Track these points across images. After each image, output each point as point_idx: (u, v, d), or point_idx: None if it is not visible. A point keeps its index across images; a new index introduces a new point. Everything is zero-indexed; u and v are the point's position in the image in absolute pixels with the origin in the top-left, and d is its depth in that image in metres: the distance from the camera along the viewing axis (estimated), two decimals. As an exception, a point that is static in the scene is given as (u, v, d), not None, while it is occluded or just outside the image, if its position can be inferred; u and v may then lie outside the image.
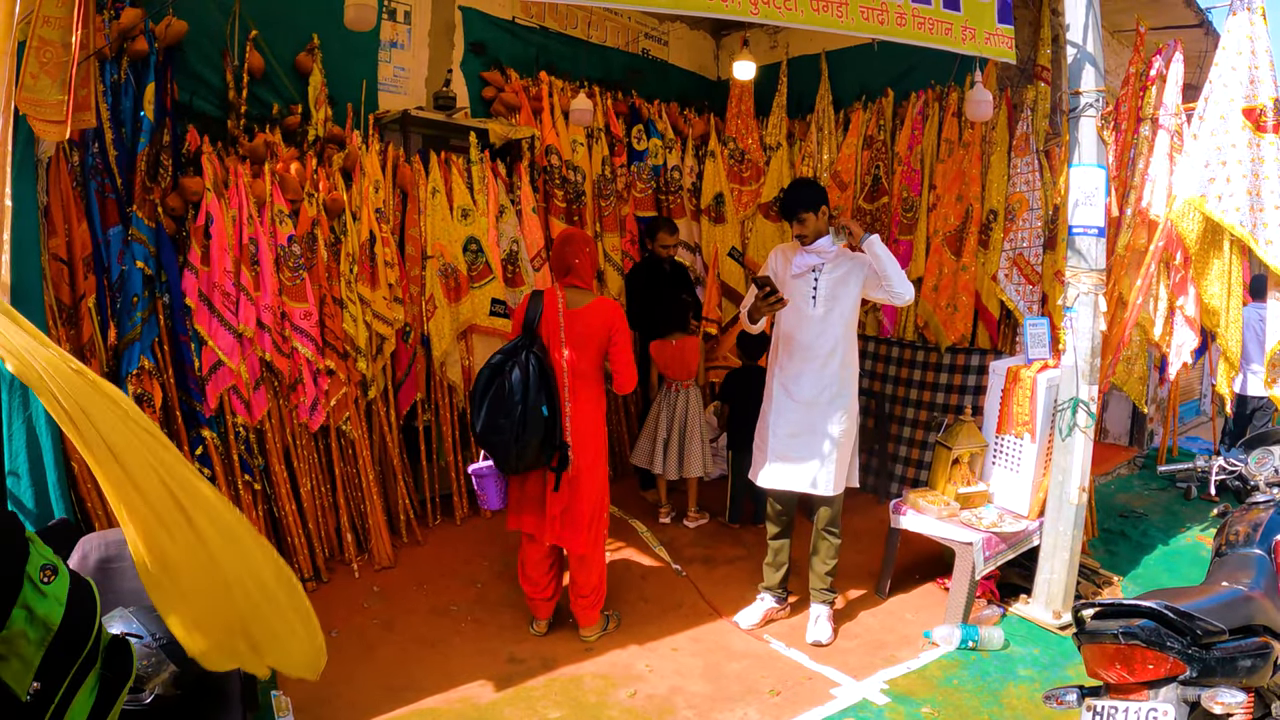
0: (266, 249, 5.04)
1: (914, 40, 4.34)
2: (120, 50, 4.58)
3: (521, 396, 4.34)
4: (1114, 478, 8.35)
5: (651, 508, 6.79)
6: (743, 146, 7.88)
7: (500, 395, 4.37)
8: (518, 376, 4.36)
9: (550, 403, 4.43)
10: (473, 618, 5.03)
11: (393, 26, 6.25)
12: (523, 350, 4.44)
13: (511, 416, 4.33)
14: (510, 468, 4.49)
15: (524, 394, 4.34)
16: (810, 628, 4.93)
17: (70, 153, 4.36)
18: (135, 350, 4.60)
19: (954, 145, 6.61)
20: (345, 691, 4.22)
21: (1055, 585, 5.07)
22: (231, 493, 5.02)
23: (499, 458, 4.48)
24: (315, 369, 5.31)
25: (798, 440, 4.79)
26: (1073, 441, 4.93)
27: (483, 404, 4.41)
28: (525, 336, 4.52)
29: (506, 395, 4.35)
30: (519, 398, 4.33)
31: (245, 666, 2.26)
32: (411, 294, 5.94)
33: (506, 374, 4.39)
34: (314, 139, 5.56)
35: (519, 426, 4.34)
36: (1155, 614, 2.85)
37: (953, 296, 6.57)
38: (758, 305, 4.56)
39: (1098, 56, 4.84)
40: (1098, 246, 4.87)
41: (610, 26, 7.81)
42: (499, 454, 4.45)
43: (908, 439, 6.97)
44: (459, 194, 6.08)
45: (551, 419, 4.44)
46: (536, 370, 4.40)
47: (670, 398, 6.42)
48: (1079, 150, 4.90)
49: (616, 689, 4.33)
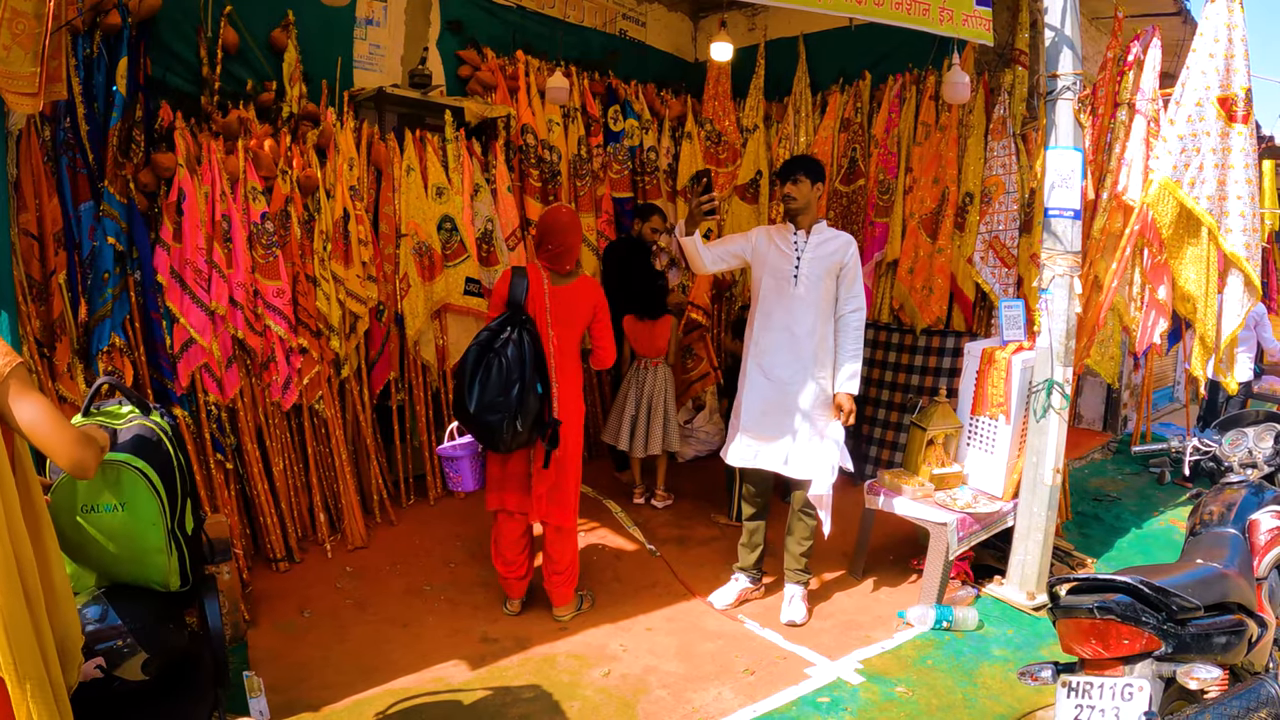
0: (239, 226, 5.00)
1: (892, 20, 4.31)
2: (93, 24, 4.52)
3: (519, 374, 4.29)
4: (1088, 462, 8.42)
5: (626, 488, 6.80)
6: (719, 128, 7.88)
7: (496, 373, 4.30)
8: (513, 353, 4.31)
9: (543, 380, 4.42)
10: (446, 598, 5.02)
11: (369, 3, 6.19)
12: (514, 327, 4.38)
13: (509, 395, 4.28)
14: (504, 447, 4.40)
15: (520, 371, 4.30)
16: (785, 608, 4.93)
17: (42, 127, 4.31)
18: (106, 327, 4.56)
19: (931, 128, 6.60)
20: (319, 671, 4.20)
21: (1029, 566, 5.10)
22: (204, 472, 4.98)
23: (491, 437, 4.36)
24: (288, 347, 5.27)
25: (769, 418, 4.79)
26: (1047, 423, 4.95)
27: (473, 382, 4.31)
28: (514, 313, 4.43)
29: (505, 373, 4.28)
30: (516, 375, 4.28)
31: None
32: (385, 272, 5.90)
33: (499, 351, 4.32)
34: (288, 116, 5.51)
35: (516, 404, 4.29)
36: (1131, 589, 2.85)
37: (928, 279, 6.57)
38: (692, 209, 4.51)
39: (1075, 40, 4.85)
40: (1073, 229, 4.89)
41: (588, 6, 7.77)
42: (492, 433, 4.33)
43: (883, 420, 6.98)
44: (434, 172, 6.05)
45: (544, 396, 4.43)
46: (531, 348, 4.37)
47: (640, 375, 6.42)
48: (1056, 133, 4.91)
49: (590, 668, 4.32)
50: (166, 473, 2.97)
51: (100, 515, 2.79)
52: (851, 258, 4.75)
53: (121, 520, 2.82)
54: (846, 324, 4.77)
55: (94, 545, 2.80)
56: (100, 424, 3.01)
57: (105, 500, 2.78)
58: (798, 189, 4.70)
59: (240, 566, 4.92)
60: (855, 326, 4.77)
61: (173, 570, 2.99)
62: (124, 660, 2.79)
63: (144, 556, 2.91)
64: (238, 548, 4.95)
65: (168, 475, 2.97)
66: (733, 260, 4.85)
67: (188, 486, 3.13)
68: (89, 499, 2.76)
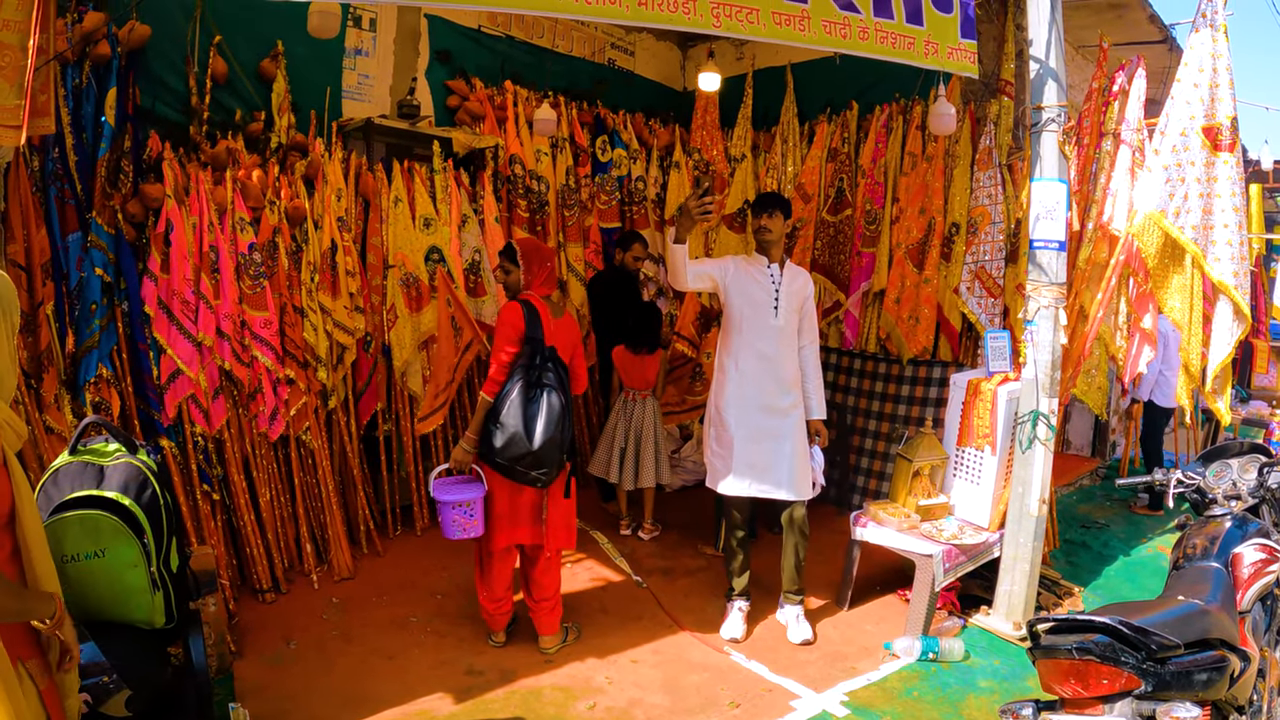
0: (227, 257, 5.01)
1: (877, 54, 4.35)
2: (83, 54, 4.54)
3: (563, 407, 4.35)
4: (1076, 488, 8.42)
5: (612, 519, 6.78)
6: (707, 158, 7.92)
7: (546, 408, 4.32)
8: (554, 387, 4.36)
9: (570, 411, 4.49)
10: (432, 629, 5.00)
11: (358, 34, 6.22)
12: (549, 368, 4.41)
13: (562, 428, 4.35)
14: (545, 481, 4.43)
15: (564, 404, 4.37)
16: (792, 627, 4.99)
17: (30, 158, 4.33)
18: (93, 358, 4.57)
19: (917, 158, 6.63)
20: (304, 703, 4.18)
21: (1016, 596, 5.10)
22: (190, 503, 4.97)
23: (545, 474, 4.38)
24: (275, 378, 5.27)
25: (761, 446, 4.85)
26: (1033, 454, 4.96)
27: (534, 419, 4.31)
28: (537, 347, 4.42)
29: (552, 407, 4.32)
30: (559, 409, 4.34)
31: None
32: (373, 303, 5.92)
33: (541, 386, 4.36)
34: (276, 146, 5.53)
35: (568, 438, 4.43)
36: (1110, 629, 2.85)
37: (915, 309, 6.59)
38: (690, 207, 4.38)
39: (1060, 72, 4.88)
40: (1059, 260, 4.91)
41: (577, 36, 7.81)
42: (544, 468, 4.36)
43: (869, 451, 6.99)
44: (422, 203, 6.06)
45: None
46: (566, 386, 4.45)
47: (628, 407, 6.42)
48: (1041, 165, 4.93)
49: (576, 701, 4.31)
50: (153, 513, 3.00)
51: (80, 563, 2.83)
52: (811, 294, 5.02)
53: (102, 566, 2.86)
54: (807, 357, 5.02)
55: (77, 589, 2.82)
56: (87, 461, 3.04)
57: (85, 549, 2.83)
58: (773, 222, 4.82)
59: (226, 597, 4.91)
60: (815, 357, 5.09)
61: (157, 609, 3.02)
62: (109, 697, 2.82)
63: (127, 597, 2.95)
64: (224, 578, 4.94)
65: (154, 515, 3.01)
66: (708, 282, 4.90)
67: (174, 525, 3.16)
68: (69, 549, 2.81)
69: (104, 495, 2.90)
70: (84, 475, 2.97)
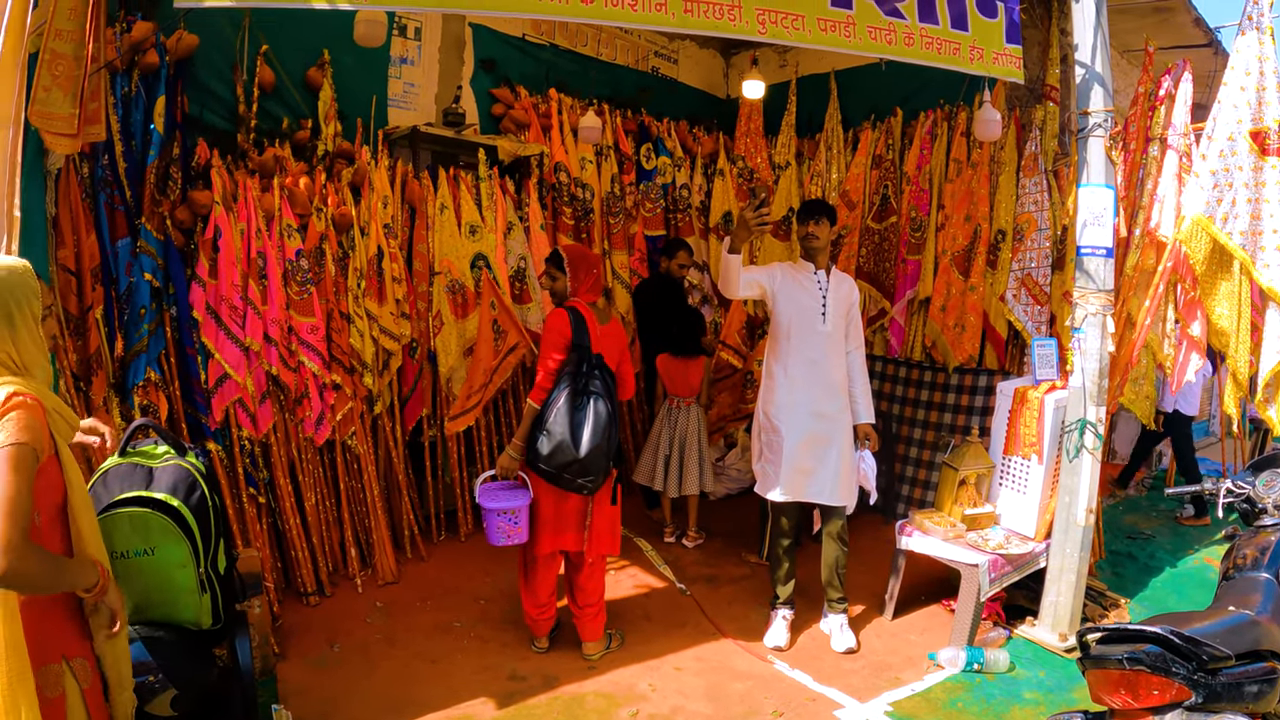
0: (274, 263, 5.05)
1: (922, 60, 4.34)
2: (131, 63, 4.60)
3: (609, 414, 4.36)
4: (1122, 498, 8.32)
5: (657, 526, 6.77)
6: (751, 165, 7.91)
7: (593, 415, 4.33)
8: (600, 394, 4.37)
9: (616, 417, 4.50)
10: (475, 634, 5.01)
11: (403, 42, 6.27)
12: (590, 367, 4.42)
13: (609, 435, 4.36)
14: (592, 488, 4.43)
15: (611, 411, 4.37)
16: (836, 635, 4.97)
17: (80, 164, 4.38)
18: (142, 362, 4.62)
19: (962, 165, 6.59)
20: (346, 706, 4.20)
21: (1062, 607, 5.04)
22: (236, 506, 5.02)
23: (591, 481, 4.38)
24: (321, 383, 5.31)
25: (811, 450, 4.85)
26: (1080, 463, 4.90)
27: (581, 426, 4.32)
28: (584, 353, 4.43)
29: (598, 414, 4.33)
30: (606, 415, 4.35)
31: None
32: (418, 310, 5.95)
33: (589, 393, 4.37)
34: (323, 154, 5.59)
35: (615, 444, 4.43)
36: (1161, 639, 2.82)
37: (960, 316, 6.54)
38: (747, 218, 4.32)
39: (1106, 76, 4.84)
40: (1106, 267, 4.86)
41: (620, 44, 7.84)
42: (590, 475, 4.36)
43: (914, 459, 6.93)
44: (467, 210, 6.10)
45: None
46: (610, 387, 4.45)
47: (672, 415, 6.41)
48: (1087, 170, 4.89)
49: (619, 708, 4.30)
50: (201, 514, 3.03)
51: (130, 560, 2.85)
52: (857, 300, 5.07)
53: (151, 564, 2.89)
54: (854, 361, 5.03)
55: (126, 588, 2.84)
56: (136, 463, 3.07)
57: (135, 545, 2.85)
58: (820, 229, 4.85)
59: (271, 600, 4.95)
60: (861, 362, 5.12)
61: (204, 610, 3.04)
62: (154, 696, 2.84)
63: (175, 597, 2.97)
64: (269, 581, 4.98)
65: (202, 517, 3.03)
66: (756, 289, 4.90)
67: (222, 527, 3.18)
68: (119, 545, 2.83)
69: (153, 496, 2.93)
70: (133, 476, 2.99)
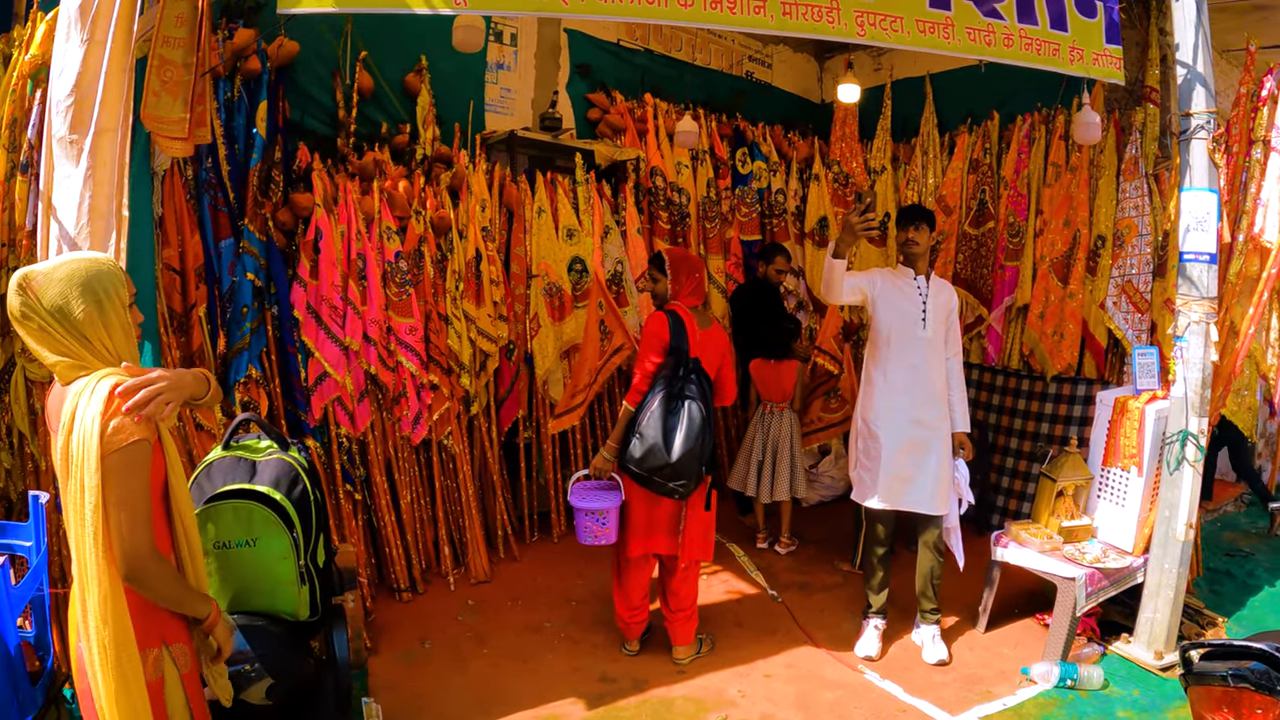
0: (374, 264, 5.14)
1: (1021, 61, 4.28)
2: (234, 69, 4.73)
3: (704, 418, 4.32)
4: (1220, 514, 8.08)
5: (749, 532, 6.74)
6: (847, 170, 7.85)
7: (687, 419, 4.30)
8: (696, 398, 4.34)
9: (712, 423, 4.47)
10: (566, 635, 5.05)
11: (499, 48, 6.35)
12: (687, 371, 4.39)
13: (703, 440, 4.31)
14: (684, 493, 4.39)
15: (705, 415, 4.33)
16: (928, 647, 4.92)
17: (185, 167, 4.50)
18: (243, 359, 4.72)
19: (1061, 169, 6.47)
20: (436, 702, 4.26)
21: (1158, 625, 4.91)
22: (333, 501, 5.11)
23: (683, 486, 4.34)
24: (419, 383, 5.39)
25: (909, 458, 4.80)
26: (1181, 476, 4.78)
27: (674, 430, 4.30)
28: (681, 357, 4.41)
29: (692, 418, 4.30)
30: (701, 420, 4.31)
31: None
32: (516, 312, 6.02)
33: (683, 397, 4.34)
34: (422, 158, 5.68)
35: (709, 449, 4.39)
36: (1266, 656, 2.75)
37: (1059, 324, 6.41)
38: (853, 223, 4.32)
39: (1208, 76, 4.71)
40: (1209, 274, 4.73)
41: (714, 49, 7.86)
42: (683, 480, 4.33)
43: (1010, 470, 6.82)
44: (564, 214, 6.16)
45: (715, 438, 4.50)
46: (706, 392, 4.41)
47: (765, 420, 6.39)
48: (1190, 174, 4.76)
49: (707, 713, 4.29)
50: (303, 508, 3.08)
51: (230, 551, 2.91)
52: (955, 307, 4.99)
53: (253, 555, 2.95)
54: (952, 368, 4.96)
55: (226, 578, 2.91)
56: (240, 456, 3.14)
57: (237, 536, 2.92)
58: (919, 234, 4.79)
59: (364, 595, 5.04)
60: (959, 369, 5.03)
61: (303, 601, 3.09)
62: (250, 685, 2.89)
63: (275, 589, 3.03)
64: (363, 576, 5.07)
65: (304, 511, 3.08)
66: (858, 295, 4.85)
67: (322, 521, 3.23)
68: (221, 536, 2.90)
69: (256, 489, 2.99)
70: (237, 469, 3.06)
